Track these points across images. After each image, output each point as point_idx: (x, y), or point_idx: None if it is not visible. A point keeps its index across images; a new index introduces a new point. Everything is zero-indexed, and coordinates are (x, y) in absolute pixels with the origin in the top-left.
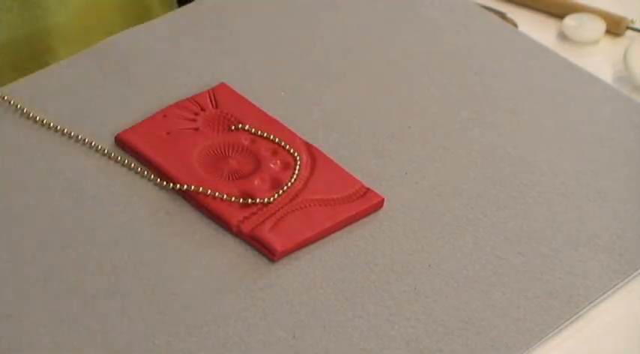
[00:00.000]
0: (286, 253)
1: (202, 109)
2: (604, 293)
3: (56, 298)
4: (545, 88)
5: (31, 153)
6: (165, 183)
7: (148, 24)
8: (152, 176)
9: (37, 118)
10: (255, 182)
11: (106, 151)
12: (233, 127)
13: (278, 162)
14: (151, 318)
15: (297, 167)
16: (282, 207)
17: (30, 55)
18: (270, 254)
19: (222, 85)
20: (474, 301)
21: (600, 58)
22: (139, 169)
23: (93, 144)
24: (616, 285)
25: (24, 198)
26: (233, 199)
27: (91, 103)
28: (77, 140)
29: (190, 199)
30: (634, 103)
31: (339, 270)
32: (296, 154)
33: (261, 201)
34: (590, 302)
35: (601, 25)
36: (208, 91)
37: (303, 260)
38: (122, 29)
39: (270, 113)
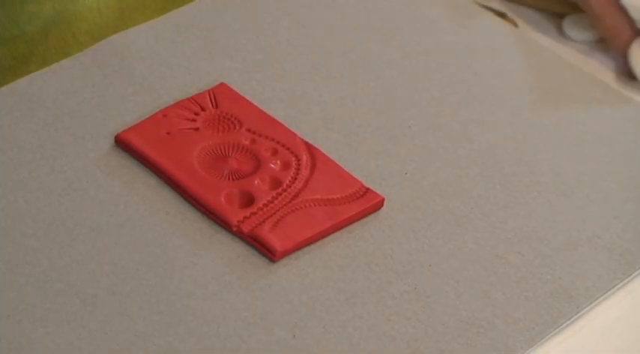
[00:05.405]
0: (286, 253)
1: (202, 109)
2: (604, 293)
3: (56, 298)
4: (545, 88)
5: (31, 153)
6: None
7: (148, 24)
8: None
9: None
10: (255, 182)
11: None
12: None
13: (278, 162)
14: (151, 318)
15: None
16: (282, 207)
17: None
18: (270, 254)
19: (222, 85)
20: (474, 301)
21: (600, 58)
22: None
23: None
24: (616, 285)
25: (24, 198)
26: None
27: (91, 103)
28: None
29: (190, 199)
30: (634, 103)
31: (339, 270)
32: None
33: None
34: (590, 302)
35: None
36: (208, 91)
37: (303, 260)
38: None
39: (270, 113)
